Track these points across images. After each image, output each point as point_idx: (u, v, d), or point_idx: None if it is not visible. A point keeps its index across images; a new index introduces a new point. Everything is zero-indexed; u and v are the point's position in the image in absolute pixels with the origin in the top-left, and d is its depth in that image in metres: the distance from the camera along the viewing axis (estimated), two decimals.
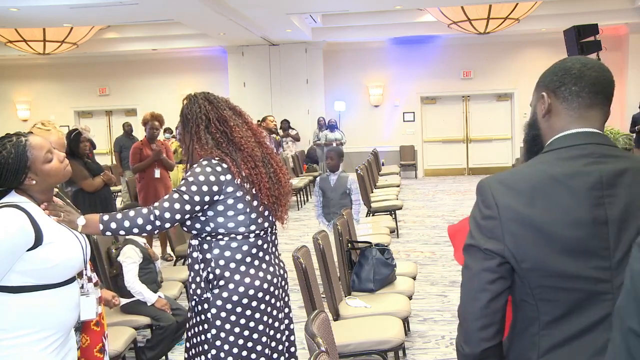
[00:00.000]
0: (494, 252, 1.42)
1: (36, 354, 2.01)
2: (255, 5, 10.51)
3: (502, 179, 1.46)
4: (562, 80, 1.48)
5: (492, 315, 1.44)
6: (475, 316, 1.44)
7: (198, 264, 2.53)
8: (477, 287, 1.44)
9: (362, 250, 4.41)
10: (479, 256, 1.44)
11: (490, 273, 1.43)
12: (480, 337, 1.44)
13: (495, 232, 1.42)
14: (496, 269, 1.42)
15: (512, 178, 1.46)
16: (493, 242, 1.42)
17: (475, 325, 1.44)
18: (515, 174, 1.47)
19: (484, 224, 1.44)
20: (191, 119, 2.55)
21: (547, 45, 14.32)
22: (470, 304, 1.46)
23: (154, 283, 4.12)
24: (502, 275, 1.43)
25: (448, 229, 2.62)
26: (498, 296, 1.43)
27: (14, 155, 2.04)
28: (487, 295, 1.43)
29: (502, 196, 1.43)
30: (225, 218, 2.48)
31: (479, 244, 1.44)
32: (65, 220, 2.22)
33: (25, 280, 2.01)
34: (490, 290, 1.43)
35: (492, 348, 1.45)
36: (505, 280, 1.43)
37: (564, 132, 1.47)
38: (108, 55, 15.26)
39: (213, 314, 2.49)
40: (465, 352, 1.47)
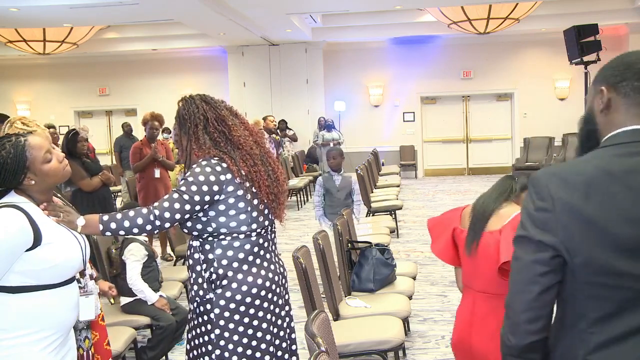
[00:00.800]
0: (547, 244, 1.40)
1: (36, 354, 2.00)
2: (255, 5, 10.50)
3: (558, 171, 1.43)
4: (624, 75, 1.44)
5: (540, 309, 1.42)
6: (523, 308, 1.43)
7: (200, 265, 2.52)
8: (528, 279, 1.43)
9: (362, 250, 4.41)
10: (530, 248, 1.42)
11: (542, 265, 1.41)
12: (527, 330, 1.43)
13: (549, 224, 1.40)
14: (548, 262, 1.40)
15: (567, 171, 1.43)
16: (546, 235, 1.40)
17: (523, 317, 1.43)
18: (571, 167, 1.44)
19: (538, 216, 1.42)
20: (188, 120, 2.55)
21: (547, 45, 14.32)
22: (520, 295, 1.44)
23: (156, 282, 4.12)
24: (554, 268, 1.41)
25: (427, 222, 2.65)
26: (548, 289, 1.41)
27: (13, 155, 2.03)
28: (537, 287, 1.41)
29: (557, 189, 1.40)
30: (227, 217, 2.49)
31: (531, 236, 1.42)
32: (65, 220, 2.21)
33: (25, 280, 2.00)
34: (541, 283, 1.41)
35: (537, 342, 1.44)
36: (556, 273, 1.41)
37: (622, 128, 1.43)
38: (108, 55, 15.25)
39: (216, 314, 2.48)
40: (511, 343, 1.46)
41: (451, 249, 2.48)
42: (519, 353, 1.46)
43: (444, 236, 2.50)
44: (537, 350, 1.45)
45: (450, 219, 2.52)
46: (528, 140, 14.26)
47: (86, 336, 2.54)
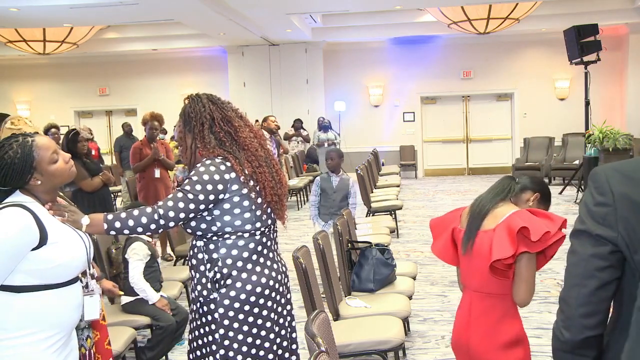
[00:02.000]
0: (606, 238, 1.37)
1: (39, 353, 2.01)
2: (255, 5, 10.50)
3: (619, 167, 1.42)
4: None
5: (597, 304, 1.40)
6: (580, 302, 1.41)
7: (204, 265, 2.52)
8: (585, 273, 1.40)
9: (362, 250, 4.41)
10: (589, 242, 1.40)
11: (601, 260, 1.38)
12: (583, 325, 1.41)
13: (608, 219, 1.38)
14: (607, 257, 1.38)
15: (630, 167, 1.41)
16: (605, 229, 1.38)
17: (579, 312, 1.41)
18: (634, 163, 1.42)
19: (597, 210, 1.39)
20: (194, 118, 2.56)
21: (547, 45, 14.32)
22: (576, 289, 1.42)
23: (157, 282, 4.12)
24: (613, 263, 1.38)
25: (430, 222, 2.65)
26: (606, 285, 1.39)
27: (20, 155, 2.05)
28: (595, 282, 1.39)
29: (618, 184, 1.38)
30: (232, 216, 2.49)
31: (590, 230, 1.40)
32: (70, 220, 2.22)
33: (29, 279, 2.01)
34: (599, 278, 1.39)
35: (593, 338, 1.41)
36: (615, 269, 1.38)
37: None
38: (108, 55, 15.26)
39: (220, 313, 2.49)
40: (565, 338, 1.44)
41: (450, 248, 2.48)
42: (572, 348, 1.44)
43: (443, 236, 2.51)
44: (591, 347, 1.42)
45: (450, 219, 2.53)
46: (528, 140, 14.26)
47: (88, 335, 2.55)
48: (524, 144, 14.41)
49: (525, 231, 2.16)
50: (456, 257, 2.47)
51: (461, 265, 2.44)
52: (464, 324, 2.39)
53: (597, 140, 10.06)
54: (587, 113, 10.56)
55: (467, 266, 2.39)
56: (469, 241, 2.34)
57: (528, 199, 2.48)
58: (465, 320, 2.38)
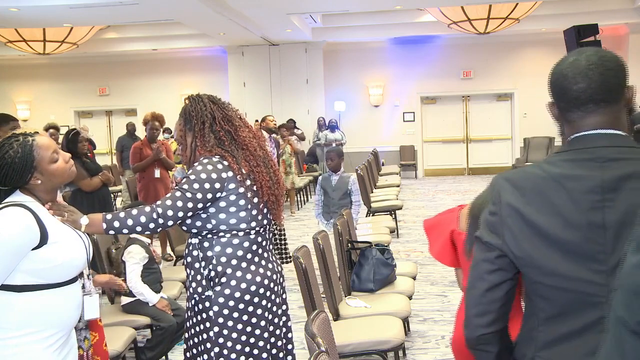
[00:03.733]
0: (493, 245, 1.47)
1: (39, 352, 2.01)
2: (255, 5, 10.50)
3: (510, 176, 1.50)
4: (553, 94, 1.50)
5: (488, 304, 1.48)
6: (472, 303, 1.51)
7: (199, 262, 2.53)
8: (477, 276, 1.51)
9: (362, 250, 4.41)
10: (481, 247, 1.51)
11: (489, 264, 1.48)
12: (476, 323, 1.50)
13: (496, 227, 1.47)
14: (494, 261, 1.48)
15: (518, 176, 1.49)
16: (493, 237, 1.48)
17: (472, 312, 1.51)
18: (522, 172, 1.50)
19: (489, 219, 1.50)
20: (195, 117, 2.58)
21: (547, 45, 14.31)
22: (470, 291, 1.53)
23: (157, 283, 4.11)
24: (501, 267, 1.47)
25: (424, 223, 2.65)
26: (496, 287, 1.48)
27: (21, 154, 2.05)
28: (484, 284, 1.49)
29: (506, 193, 1.47)
30: (227, 214, 2.50)
31: (481, 236, 1.51)
32: (69, 220, 2.23)
33: (29, 279, 2.01)
34: (488, 280, 1.48)
35: (488, 335, 1.50)
36: (504, 272, 1.48)
37: (575, 134, 1.47)
38: (108, 55, 15.25)
39: (215, 311, 2.49)
40: (465, 335, 1.54)
41: (450, 251, 2.47)
42: (473, 345, 1.53)
43: (441, 239, 2.50)
44: (489, 343, 1.51)
45: (446, 220, 2.52)
46: (528, 140, 14.27)
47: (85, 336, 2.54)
48: (524, 144, 14.41)
49: None
50: (456, 259, 2.47)
51: (464, 267, 2.43)
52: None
53: None
54: None
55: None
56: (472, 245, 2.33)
57: None
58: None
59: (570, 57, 1.48)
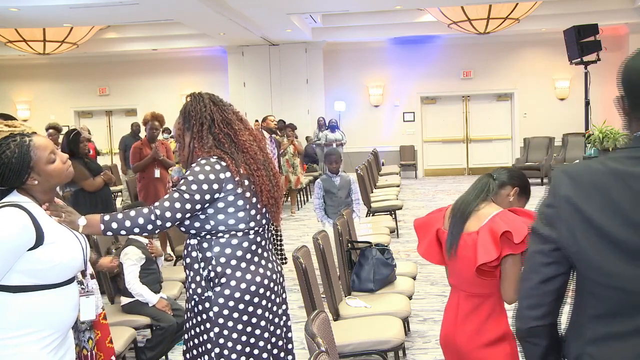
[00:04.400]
0: (548, 238, 1.46)
1: (35, 353, 2.01)
2: (255, 5, 10.50)
3: (569, 170, 1.48)
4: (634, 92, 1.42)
5: (540, 297, 1.48)
6: (525, 295, 1.51)
7: (198, 263, 2.52)
8: (530, 268, 1.50)
9: (362, 250, 4.41)
10: (536, 239, 1.49)
11: (544, 256, 1.47)
12: (528, 315, 1.50)
13: (552, 220, 1.45)
14: (549, 253, 1.46)
15: (578, 170, 1.47)
16: (549, 229, 1.46)
17: (525, 304, 1.51)
18: (583, 166, 1.47)
19: (545, 211, 1.48)
20: (194, 117, 2.56)
21: (547, 45, 14.32)
22: (522, 283, 1.52)
23: (157, 284, 4.11)
24: (556, 260, 1.46)
25: (414, 222, 2.67)
26: (549, 279, 1.47)
27: (18, 155, 2.04)
28: (537, 276, 1.48)
29: (565, 187, 1.44)
30: (226, 215, 2.49)
31: (537, 228, 1.49)
32: (67, 220, 2.22)
33: (26, 280, 2.01)
34: (542, 273, 1.47)
35: (539, 328, 1.50)
36: (559, 265, 1.46)
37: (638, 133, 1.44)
38: (108, 55, 15.26)
39: (215, 312, 2.49)
40: (516, 326, 1.54)
41: (436, 249, 2.50)
42: (524, 337, 1.53)
43: (428, 237, 2.53)
44: (540, 336, 1.51)
45: (434, 219, 2.55)
46: (528, 140, 14.27)
47: (89, 337, 2.55)
48: (524, 144, 14.41)
49: (509, 234, 2.19)
50: (442, 258, 2.50)
51: (448, 266, 2.47)
52: (451, 322, 2.46)
53: (597, 140, 10.05)
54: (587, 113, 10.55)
55: (453, 268, 2.41)
56: (452, 244, 2.36)
57: (508, 194, 2.48)
58: (453, 318, 2.45)
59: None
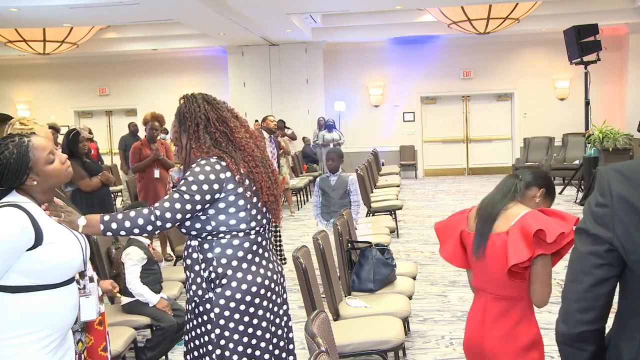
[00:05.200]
0: (602, 238, 1.41)
1: (34, 354, 2.00)
2: (255, 5, 10.50)
3: (622, 168, 1.44)
4: None
5: (593, 300, 1.43)
6: (576, 297, 1.45)
7: (198, 265, 2.51)
8: (582, 270, 1.44)
9: (362, 250, 4.41)
10: (587, 240, 1.44)
11: (597, 258, 1.42)
12: (578, 319, 1.44)
13: (605, 219, 1.41)
14: (603, 255, 1.41)
15: (630, 168, 1.44)
16: (602, 229, 1.41)
17: (575, 307, 1.45)
18: (634, 164, 1.45)
19: (597, 211, 1.43)
20: (189, 118, 2.55)
21: (547, 45, 14.32)
22: (573, 285, 1.46)
23: (158, 284, 4.11)
24: (609, 262, 1.41)
25: (435, 225, 2.63)
26: (602, 282, 1.42)
27: (16, 155, 2.04)
28: (590, 278, 1.43)
29: (618, 185, 1.41)
30: (227, 215, 2.48)
31: (588, 229, 1.44)
32: (66, 220, 2.22)
33: (25, 280, 2.01)
34: (595, 275, 1.42)
35: (589, 332, 1.44)
36: (612, 267, 1.42)
37: None
38: (108, 55, 15.26)
39: (216, 313, 2.48)
40: (563, 330, 1.48)
41: (460, 252, 2.44)
42: (570, 342, 1.47)
43: (451, 239, 2.46)
44: (588, 341, 1.46)
45: (456, 221, 2.49)
46: (528, 140, 14.27)
47: (80, 339, 2.50)
48: (524, 144, 14.41)
49: (541, 233, 2.14)
50: (466, 260, 2.44)
51: (473, 268, 2.40)
52: (477, 326, 2.36)
53: (597, 140, 10.06)
54: (587, 113, 10.56)
55: (480, 270, 2.35)
56: (480, 245, 2.31)
57: (534, 195, 2.44)
58: (480, 323, 2.35)
59: None
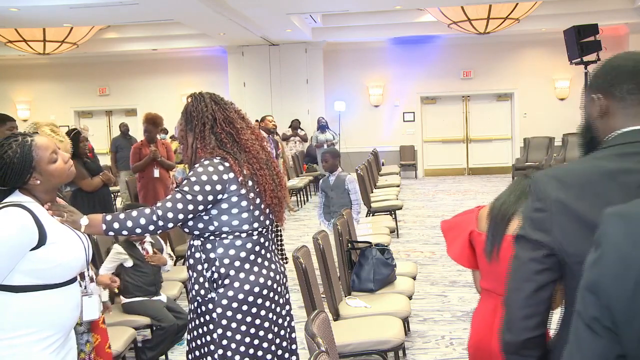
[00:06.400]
0: (542, 243, 1.43)
1: (36, 354, 2.01)
2: (255, 5, 10.50)
3: (555, 173, 1.47)
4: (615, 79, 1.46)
5: (536, 306, 1.44)
6: (519, 305, 1.46)
7: (201, 264, 2.51)
8: (523, 277, 1.45)
9: (362, 250, 4.41)
10: (527, 246, 1.45)
11: (537, 263, 1.44)
12: (522, 326, 1.46)
13: (544, 224, 1.43)
14: (543, 260, 1.43)
15: (564, 172, 1.47)
16: (541, 234, 1.43)
17: (519, 314, 1.46)
18: (568, 168, 1.48)
19: (534, 216, 1.45)
20: (196, 117, 2.55)
21: (547, 45, 14.32)
22: (515, 292, 1.47)
23: (153, 286, 4.09)
24: (549, 266, 1.43)
25: (441, 224, 2.62)
26: (543, 287, 1.44)
27: (20, 154, 2.05)
28: (532, 285, 1.44)
29: (553, 189, 1.43)
30: (230, 216, 2.49)
31: (528, 235, 1.45)
32: (69, 220, 2.22)
33: (28, 279, 2.01)
34: (536, 281, 1.44)
35: (534, 338, 1.46)
36: (552, 272, 1.44)
37: (620, 130, 1.45)
38: (108, 55, 15.25)
39: (219, 313, 2.48)
40: (508, 339, 1.49)
41: (468, 252, 2.43)
42: (516, 349, 1.48)
43: (460, 240, 2.45)
44: (534, 347, 1.47)
45: (465, 221, 2.48)
46: (528, 140, 14.27)
47: (87, 340, 2.53)
48: (524, 144, 14.41)
49: None
50: (474, 261, 2.43)
51: (484, 269, 2.39)
52: (487, 328, 2.34)
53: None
54: None
55: (493, 271, 2.32)
56: (494, 247, 2.29)
57: None
58: (489, 323, 2.33)
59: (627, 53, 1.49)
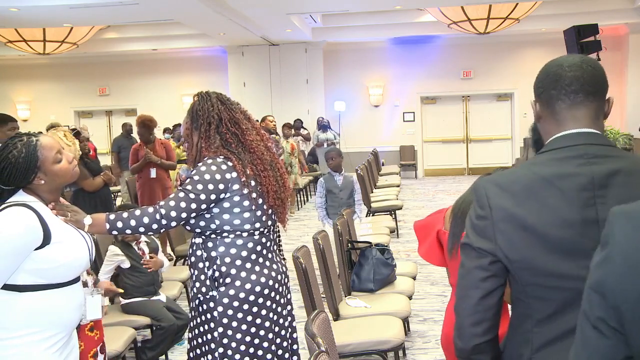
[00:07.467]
0: (485, 250, 1.45)
1: (39, 353, 2.01)
2: (255, 5, 10.51)
3: (496, 179, 1.49)
4: (543, 85, 1.52)
5: (483, 312, 1.47)
6: (467, 312, 1.49)
7: (202, 262, 2.52)
8: (470, 285, 1.48)
9: (362, 250, 4.41)
10: (472, 254, 1.48)
11: (482, 271, 1.46)
12: (472, 333, 1.48)
13: (487, 231, 1.45)
14: (488, 267, 1.46)
15: (505, 179, 1.49)
16: (485, 242, 1.45)
17: (468, 321, 1.49)
18: (509, 175, 1.50)
19: (477, 224, 1.48)
20: (202, 116, 2.56)
21: (547, 45, 14.30)
22: (463, 300, 1.50)
23: (151, 286, 4.09)
24: (494, 273, 1.46)
25: (414, 224, 2.67)
26: (490, 293, 1.47)
27: (25, 154, 2.06)
28: (478, 292, 1.47)
29: (495, 197, 1.46)
30: (231, 215, 2.50)
31: (472, 243, 1.48)
32: (72, 219, 2.23)
33: (32, 279, 2.02)
34: (482, 288, 1.46)
35: (484, 344, 1.48)
36: (497, 278, 1.46)
37: (557, 134, 1.49)
38: (108, 55, 15.25)
39: (219, 312, 2.49)
40: (459, 346, 1.51)
41: (437, 250, 2.50)
42: (467, 355, 1.51)
43: (428, 239, 2.53)
44: (484, 352, 1.50)
45: (434, 221, 2.55)
46: (528, 140, 14.26)
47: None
48: (524, 144, 14.40)
49: None
50: (443, 259, 2.49)
51: (449, 267, 2.45)
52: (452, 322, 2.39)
53: None
54: None
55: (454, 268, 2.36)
56: (454, 245, 2.35)
57: None
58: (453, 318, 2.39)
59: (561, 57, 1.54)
